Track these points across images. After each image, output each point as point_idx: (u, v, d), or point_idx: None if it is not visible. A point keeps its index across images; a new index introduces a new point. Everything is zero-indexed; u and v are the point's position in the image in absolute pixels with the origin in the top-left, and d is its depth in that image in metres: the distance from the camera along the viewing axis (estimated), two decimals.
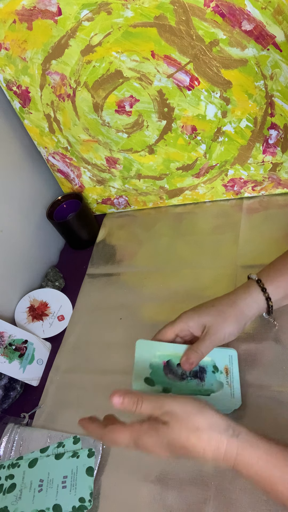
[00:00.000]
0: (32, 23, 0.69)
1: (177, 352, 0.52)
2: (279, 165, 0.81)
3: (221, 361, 0.54)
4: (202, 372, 0.53)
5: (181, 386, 0.50)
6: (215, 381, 0.52)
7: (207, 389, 0.51)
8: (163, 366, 0.51)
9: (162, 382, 0.50)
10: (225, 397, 0.51)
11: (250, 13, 0.61)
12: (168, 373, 0.51)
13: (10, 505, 0.59)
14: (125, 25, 0.66)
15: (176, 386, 0.50)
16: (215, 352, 0.53)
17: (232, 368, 0.54)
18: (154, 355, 0.51)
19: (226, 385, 0.52)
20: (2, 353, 0.73)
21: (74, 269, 0.92)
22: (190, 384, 0.51)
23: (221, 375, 0.53)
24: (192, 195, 0.92)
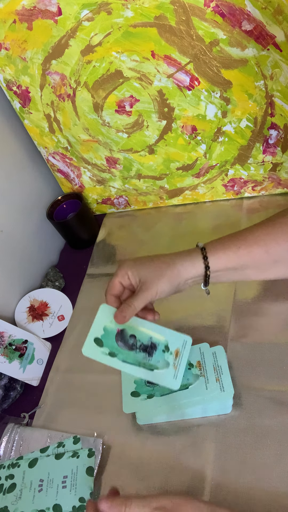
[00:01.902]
0: (32, 23, 0.69)
1: (135, 324, 0.54)
2: (279, 165, 0.81)
3: (174, 344, 0.56)
4: (152, 348, 0.54)
5: (128, 355, 0.52)
6: (162, 359, 0.54)
7: (152, 365, 0.53)
8: (116, 332, 0.53)
9: (111, 346, 0.52)
10: (167, 376, 0.53)
11: (250, 13, 0.61)
12: (119, 340, 0.53)
13: (10, 505, 0.59)
14: (125, 25, 0.66)
15: (123, 353, 0.52)
16: (170, 334, 0.56)
17: (183, 352, 0.56)
18: (111, 321, 0.53)
19: (171, 366, 0.54)
20: (2, 353, 0.73)
21: (74, 269, 0.92)
22: (137, 356, 0.53)
23: (170, 356, 0.55)
24: (192, 195, 0.92)
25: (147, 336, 0.55)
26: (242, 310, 0.72)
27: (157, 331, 0.55)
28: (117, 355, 0.52)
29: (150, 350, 0.54)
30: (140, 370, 0.52)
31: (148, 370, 0.53)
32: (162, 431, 0.62)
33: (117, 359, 0.52)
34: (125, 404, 0.62)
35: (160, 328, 0.56)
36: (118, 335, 0.53)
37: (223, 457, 0.57)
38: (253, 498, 0.52)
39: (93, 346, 0.51)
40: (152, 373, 0.53)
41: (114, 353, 0.52)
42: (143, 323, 0.55)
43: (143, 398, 0.62)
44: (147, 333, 0.55)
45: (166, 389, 0.62)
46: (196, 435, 0.60)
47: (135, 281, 0.54)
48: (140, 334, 0.54)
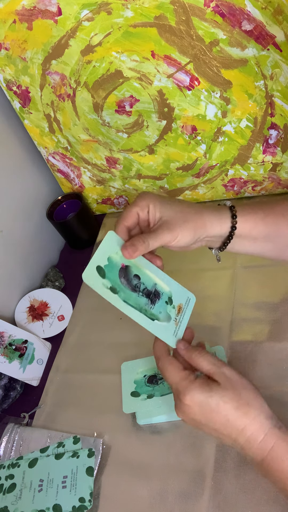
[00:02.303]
0: (32, 23, 0.69)
1: (140, 264, 0.50)
2: (279, 165, 0.81)
3: (178, 298, 0.52)
4: (155, 296, 0.50)
5: (130, 296, 0.48)
6: (164, 311, 0.50)
7: (153, 314, 0.49)
8: (120, 267, 0.48)
9: (113, 280, 0.47)
10: (168, 331, 0.50)
11: (250, 13, 0.61)
12: (122, 276, 0.48)
13: (10, 505, 0.59)
14: (125, 25, 0.66)
15: (125, 292, 0.48)
16: (176, 287, 0.53)
17: (186, 310, 0.53)
18: (117, 252, 0.48)
19: (173, 321, 0.51)
20: (2, 353, 0.73)
21: (74, 269, 0.92)
22: (139, 300, 0.49)
23: (173, 310, 0.51)
24: (192, 195, 0.92)
25: (152, 282, 0.51)
26: (242, 310, 0.72)
27: (163, 279, 0.52)
28: (119, 292, 0.47)
29: (153, 297, 0.50)
30: (140, 316, 0.48)
31: (148, 318, 0.49)
32: (162, 431, 0.62)
33: (118, 297, 0.47)
34: (125, 404, 0.63)
35: (165, 277, 0.52)
36: (122, 271, 0.48)
37: (223, 457, 0.57)
38: (253, 498, 0.52)
39: (95, 274, 0.46)
40: (152, 323, 0.49)
41: (116, 290, 0.47)
42: (149, 266, 0.50)
43: (143, 398, 0.62)
44: (152, 278, 0.51)
45: (166, 389, 0.62)
46: (196, 435, 0.60)
47: (154, 218, 0.49)
48: (145, 277, 0.50)
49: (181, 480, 0.56)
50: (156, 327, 0.49)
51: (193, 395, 0.43)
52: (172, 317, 0.51)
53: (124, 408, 0.62)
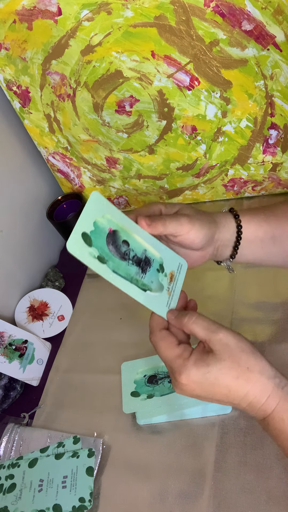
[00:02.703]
0: (32, 23, 0.69)
1: (129, 228, 0.46)
2: (279, 165, 0.81)
3: (169, 264, 0.48)
4: (146, 263, 0.46)
5: (120, 265, 0.44)
6: (156, 280, 0.47)
7: (145, 284, 0.45)
8: (107, 233, 0.44)
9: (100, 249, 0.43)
10: (161, 302, 0.46)
11: (250, 13, 0.61)
12: (110, 243, 0.44)
13: (10, 505, 0.59)
14: (125, 25, 0.66)
15: (114, 261, 0.43)
16: (166, 252, 0.48)
17: (178, 277, 0.49)
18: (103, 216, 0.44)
19: (165, 290, 0.47)
20: (2, 353, 0.73)
21: (74, 269, 0.92)
22: (129, 269, 0.45)
23: (165, 278, 0.47)
24: (192, 195, 0.92)
25: (142, 248, 0.46)
26: (242, 310, 0.72)
27: (152, 244, 0.47)
28: (108, 262, 0.43)
29: (144, 265, 0.46)
30: (132, 287, 0.44)
31: (140, 289, 0.45)
32: (162, 431, 0.62)
33: (107, 267, 0.43)
34: (125, 404, 0.63)
35: (155, 241, 0.47)
36: (110, 237, 0.44)
37: (223, 457, 0.57)
38: (253, 498, 0.52)
39: (80, 243, 0.41)
40: (144, 294, 0.45)
41: (104, 259, 0.43)
42: (137, 230, 0.46)
43: (143, 398, 0.62)
44: (142, 244, 0.46)
45: (166, 389, 0.62)
46: (196, 435, 0.60)
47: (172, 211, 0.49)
48: (134, 243, 0.46)
49: (181, 480, 0.56)
50: (148, 299, 0.45)
51: (189, 374, 0.42)
52: (164, 287, 0.47)
53: (124, 408, 0.62)
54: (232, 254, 0.52)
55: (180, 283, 0.49)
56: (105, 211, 0.44)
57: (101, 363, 0.73)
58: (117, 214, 0.45)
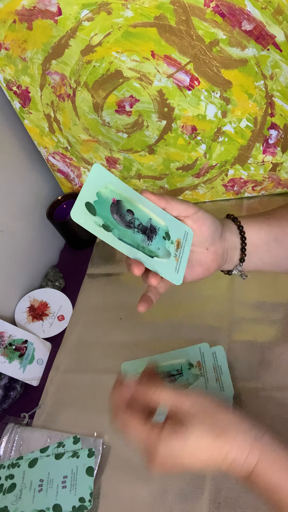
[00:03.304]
0: (32, 23, 0.69)
1: (132, 198, 0.46)
2: (279, 165, 0.81)
3: (175, 232, 0.48)
4: (152, 231, 0.47)
5: (125, 232, 0.44)
6: (163, 247, 0.47)
7: (152, 251, 0.46)
8: (111, 203, 0.44)
9: (105, 217, 0.43)
10: (169, 267, 0.46)
11: (250, 13, 0.61)
12: (114, 212, 0.44)
13: (10, 505, 0.59)
14: (125, 25, 0.66)
15: (119, 229, 0.44)
16: (171, 221, 0.48)
17: (185, 245, 0.48)
18: (106, 187, 0.44)
19: (173, 257, 0.47)
20: (2, 353, 0.73)
21: (74, 269, 0.93)
22: (135, 236, 0.45)
23: (171, 245, 0.47)
24: (192, 195, 0.92)
25: (146, 216, 0.46)
26: (242, 310, 0.72)
27: (157, 213, 0.47)
28: (113, 230, 0.44)
29: (149, 233, 0.46)
30: (139, 253, 0.45)
31: (147, 256, 0.45)
32: None
33: (112, 235, 0.43)
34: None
35: (160, 211, 0.47)
36: (114, 206, 0.45)
37: None
38: (253, 498, 0.52)
39: (84, 212, 0.42)
40: (152, 260, 0.45)
41: (109, 227, 0.43)
42: (141, 200, 0.46)
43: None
44: (146, 213, 0.46)
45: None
46: None
47: None
48: (139, 212, 0.46)
49: (181, 480, 0.56)
50: (156, 264, 0.46)
51: (165, 450, 0.40)
52: (171, 253, 0.47)
53: None
54: (241, 257, 0.51)
55: (188, 250, 0.48)
56: (108, 182, 0.44)
57: (101, 363, 0.73)
58: (120, 184, 0.45)
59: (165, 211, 0.47)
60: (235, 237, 0.50)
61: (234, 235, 0.50)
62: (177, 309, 0.74)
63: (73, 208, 0.41)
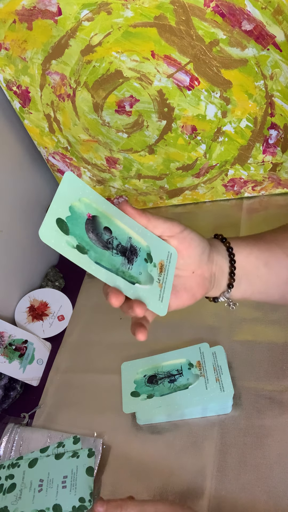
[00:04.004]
0: (32, 23, 0.69)
1: (110, 214, 0.40)
2: (279, 165, 0.81)
3: (158, 253, 0.42)
4: (132, 253, 0.41)
5: (103, 255, 0.38)
6: (145, 271, 0.41)
7: (133, 276, 0.40)
8: (86, 219, 0.38)
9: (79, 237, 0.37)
10: (153, 295, 0.41)
11: (250, 13, 0.61)
12: (90, 230, 0.38)
13: (10, 505, 0.59)
14: (125, 25, 0.66)
15: (96, 251, 0.38)
16: (153, 240, 0.42)
17: (169, 267, 0.43)
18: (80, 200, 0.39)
19: (156, 282, 0.42)
20: (2, 353, 0.73)
21: (74, 269, 0.92)
22: (114, 259, 0.39)
23: (154, 269, 0.42)
24: (192, 195, 0.92)
25: (126, 235, 0.41)
26: (242, 310, 0.72)
27: (138, 231, 0.41)
28: (88, 251, 0.38)
29: (129, 255, 0.41)
30: (119, 279, 0.39)
31: (128, 282, 0.40)
32: (162, 431, 0.62)
33: (88, 258, 0.37)
34: (125, 404, 0.63)
35: (140, 228, 0.42)
36: (89, 223, 0.39)
37: (223, 457, 0.57)
38: (253, 498, 0.52)
39: (55, 230, 0.36)
40: (133, 288, 0.40)
41: (84, 248, 0.37)
42: (120, 215, 0.41)
43: (143, 398, 0.62)
44: (126, 231, 0.41)
45: (166, 389, 0.62)
46: (196, 435, 0.60)
47: None
48: (117, 230, 0.40)
49: (181, 480, 0.56)
50: (137, 292, 0.40)
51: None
52: (154, 278, 0.42)
53: (124, 408, 0.62)
54: (230, 282, 0.46)
55: (172, 274, 0.43)
56: (82, 194, 0.39)
57: (101, 363, 0.73)
58: (95, 197, 0.40)
59: (147, 229, 0.42)
60: (224, 260, 0.46)
61: (223, 257, 0.46)
62: (177, 310, 0.74)
63: (41, 226, 0.35)
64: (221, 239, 0.47)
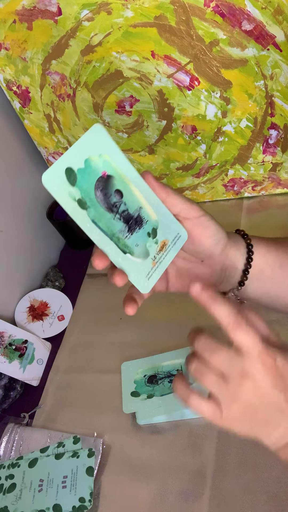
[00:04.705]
0: (32, 23, 0.69)
1: (128, 178, 0.38)
2: (279, 165, 0.81)
3: (165, 231, 0.40)
4: (137, 223, 0.39)
5: (103, 216, 0.36)
6: (142, 244, 0.39)
7: (127, 245, 0.38)
8: (99, 176, 0.36)
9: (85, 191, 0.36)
10: (141, 270, 0.39)
11: (250, 13, 0.61)
12: (99, 188, 0.36)
13: (10, 505, 0.59)
14: (125, 25, 0.66)
15: (97, 210, 0.36)
16: (166, 217, 0.40)
17: (171, 249, 0.41)
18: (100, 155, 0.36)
19: (151, 259, 0.40)
20: (2, 353, 0.73)
21: (74, 269, 0.92)
22: (113, 224, 0.37)
23: (154, 245, 0.40)
24: (192, 195, 0.92)
25: (137, 204, 0.38)
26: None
27: (152, 203, 0.39)
28: (89, 208, 0.36)
29: (132, 224, 0.39)
30: (110, 245, 0.37)
31: (119, 250, 0.38)
32: (162, 431, 0.62)
33: (86, 214, 0.36)
34: (125, 404, 0.63)
35: (156, 201, 0.39)
36: (101, 182, 0.37)
37: (223, 457, 0.57)
38: (253, 498, 0.52)
39: (61, 178, 0.34)
40: (122, 256, 0.38)
41: (85, 204, 0.36)
42: (138, 183, 0.38)
43: (143, 398, 0.62)
44: (139, 200, 0.39)
45: (166, 389, 0.62)
46: (196, 435, 0.60)
47: None
48: (130, 196, 0.38)
49: (181, 480, 0.56)
50: (125, 262, 0.38)
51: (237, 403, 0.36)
52: (150, 254, 0.40)
53: (124, 408, 0.62)
54: (242, 280, 0.44)
55: (171, 256, 0.41)
56: (105, 150, 0.36)
57: (101, 363, 0.73)
58: (118, 158, 0.37)
59: (164, 204, 0.40)
60: (240, 256, 0.44)
61: (240, 253, 0.44)
62: (177, 309, 0.74)
63: (47, 170, 0.33)
64: (242, 234, 0.45)
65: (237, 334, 0.36)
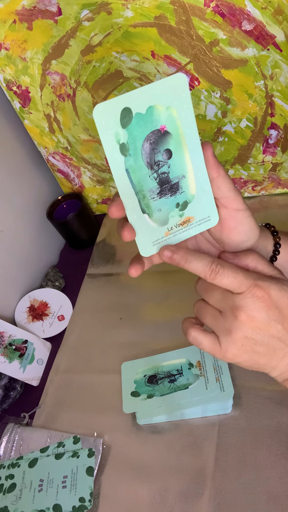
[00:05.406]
0: (32, 23, 0.69)
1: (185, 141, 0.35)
2: (279, 165, 0.81)
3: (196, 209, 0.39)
4: (171, 189, 0.37)
5: (139, 169, 0.34)
6: (166, 212, 0.38)
7: (149, 206, 0.37)
8: (156, 129, 0.34)
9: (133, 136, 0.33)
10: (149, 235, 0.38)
11: (250, 13, 0.61)
12: (150, 141, 0.34)
13: (10, 505, 0.59)
14: (125, 25, 0.66)
15: (136, 161, 0.34)
16: (205, 196, 0.38)
17: (193, 227, 0.39)
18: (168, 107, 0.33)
19: (166, 228, 0.38)
20: (2, 353, 0.73)
21: (74, 269, 0.93)
22: (147, 181, 0.35)
23: (177, 217, 0.39)
24: None
25: (182, 171, 0.36)
26: None
27: (198, 176, 0.37)
28: (128, 157, 0.34)
29: (166, 189, 0.37)
30: (131, 199, 0.36)
31: (139, 207, 0.36)
32: (162, 431, 0.62)
33: (121, 161, 0.34)
34: (125, 404, 0.63)
35: (203, 176, 0.37)
36: (155, 134, 0.34)
37: (223, 457, 0.57)
38: (253, 498, 0.52)
39: (114, 115, 0.32)
40: (138, 214, 0.37)
41: (127, 151, 0.34)
42: (194, 151, 0.36)
43: (143, 398, 0.62)
44: (186, 168, 0.36)
45: (166, 389, 0.62)
46: (196, 435, 0.60)
47: None
48: (178, 161, 0.36)
49: (181, 480, 0.56)
50: (140, 222, 0.36)
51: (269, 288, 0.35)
52: (168, 224, 0.38)
53: (124, 408, 0.62)
54: None
55: (188, 235, 0.39)
56: (175, 104, 0.33)
57: (101, 363, 0.73)
58: (187, 116, 0.34)
59: (210, 183, 0.37)
60: (266, 253, 0.44)
61: (265, 252, 0.43)
62: (177, 309, 0.74)
63: (104, 102, 0.30)
64: (272, 231, 0.44)
65: (218, 281, 0.36)
